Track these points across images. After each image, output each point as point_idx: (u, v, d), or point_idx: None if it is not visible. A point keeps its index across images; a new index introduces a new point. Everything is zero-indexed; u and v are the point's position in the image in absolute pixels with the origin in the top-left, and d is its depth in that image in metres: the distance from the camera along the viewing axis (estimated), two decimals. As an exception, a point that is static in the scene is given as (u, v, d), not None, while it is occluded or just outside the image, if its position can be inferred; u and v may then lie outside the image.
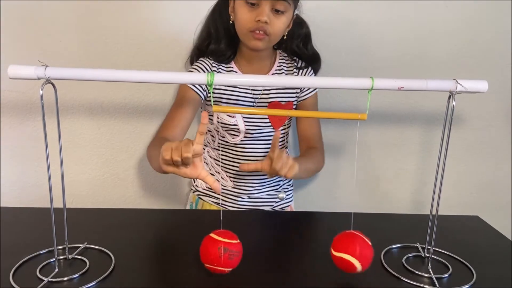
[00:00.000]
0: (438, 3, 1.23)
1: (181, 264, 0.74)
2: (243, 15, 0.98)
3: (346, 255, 0.67)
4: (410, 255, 0.80)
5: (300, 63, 1.14)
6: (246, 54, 1.08)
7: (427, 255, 0.78)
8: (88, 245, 0.78)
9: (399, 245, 0.83)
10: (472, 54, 1.28)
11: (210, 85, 0.65)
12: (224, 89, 1.08)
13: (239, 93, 1.08)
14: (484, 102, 1.32)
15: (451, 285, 0.71)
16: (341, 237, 0.69)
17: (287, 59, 1.14)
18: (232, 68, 1.10)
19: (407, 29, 1.26)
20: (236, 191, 1.14)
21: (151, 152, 0.99)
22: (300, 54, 1.14)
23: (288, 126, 1.16)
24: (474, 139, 1.36)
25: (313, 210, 1.17)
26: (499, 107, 1.33)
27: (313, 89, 1.14)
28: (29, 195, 1.30)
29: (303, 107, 1.14)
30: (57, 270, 0.70)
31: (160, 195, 1.36)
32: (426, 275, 0.73)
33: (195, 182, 1.20)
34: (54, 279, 0.67)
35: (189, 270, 0.73)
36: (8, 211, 0.94)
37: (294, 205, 1.25)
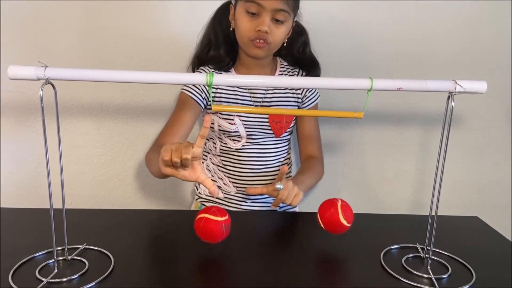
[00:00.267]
0: (438, 4, 1.24)
1: (181, 265, 0.74)
2: (244, 24, 0.99)
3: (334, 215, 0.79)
4: (410, 256, 0.79)
5: (301, 73, 1.15)
6: (246, 61, 1.09)
7: (427, 256, 0.78)
8: (88, 246, 0.78)
9: (399, 246, 0.83)
10: (471, 55, 1.28)
11: (209, 86, 0.66)
12: (225, 97, 1.08)
13: (240, 101, 1.09)
14: (484, 103, 1.32)
15: (451, 286, 0.71)
16: (324, 204, 0.82)
17: (288, 67, 1.15)
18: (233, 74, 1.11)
19: (407, 30, 1.26)
20: (239, 196, 1.13)
21: (150, 157, 0.99)
22: (300, 59, 1.15)
23: (290, 133, 1.17)
24: (474, 140, 1.36)
25: (313, 211, 1.17)
26: (499, 108, 1.33)
27: (315, 100, 1.15)
28: (29, 196, 1.30)
29: (304, 118, 1.17)
30: (56, 271, 0.69)
31: (160, 196, 1.36)
32: (426, 276, 0.72)
33: (198, 190, 1.20)
34: (53, 280, 0.67)
35: (189, 271, 0.73)
36: (8, 212, 0.94)
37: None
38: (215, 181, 1.15)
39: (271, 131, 1.11)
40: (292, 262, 0.77)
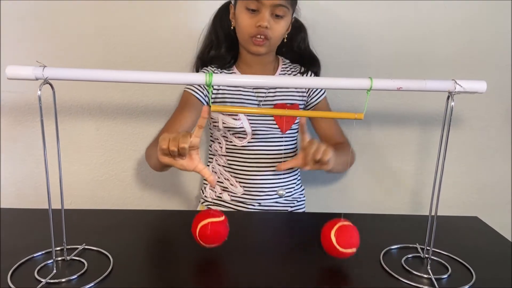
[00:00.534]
0: (437, 4, 1.24)
1: (180, 265, 0.74)
2: (244, 21, 1.00)
3: (352, 249, 0.71)
4: (409, 256, 0.79)
5: (303, 69, 1.15)
6: (247, 59, 1.10)
7: (426, 256, 0.78)
8: (87, 246, 0.78)
9: (398, 246, 0.83)
10: (471, 55, 1.28)
11: (209, 85, 0.66)
12: (228, 94, 1.08)
13: (244, 97, 1.09)
14: (483, 103, 1.32)
15: (451, 286, 0.71)
16: (343, 233, 0.72)
17: (289, 65, 1.16)
18: (234, 72, 1.11)
19: (406, 30, 1.26)
20: (247, 197, 1.12)
21: (150, 152, 1.00)
22: (300, 55, 1.16)
23: (297, 131, 1.16)
24: (473, 140, 1.36)
25: (313, 211, 1.17)
26: (498, 108, 1.33)
27: (322, 93, 1.14)
28: (28, 196, 1.30)
29: (318, 118, 1.15)
30: (55, 272, 0.69)
31: (159, 196, 1.36)
32: (426, 276, 0.72)
33: (204, 193, 1.19)
34: (52, 281, 0.67)
35: (188, 271, 0.72)
36: (7, 212, 0.94)
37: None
38: (222, 182, 1.14)
39: (277, 126, 1.10)
40: (292, 262, 0.77)
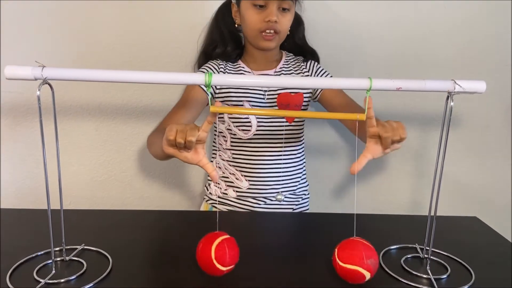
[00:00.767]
0: (437, 4, 1.24)
1: (179, 266, 0.74)
2: (252, 17, 1.01)
3: (355, 267, 0.64)
4: (409, 256, 0.79)
5: (303, 58, 1.16)
6: (254, 54, 1.11)
7: (426, 256, 0.78)
8: (86, 247, 0.78)
9: (398, 246, 0.83)
10: (471, 55, 1.28)
11: (208, 86, 0.66)
12: (234, 86, 1.08)
13: (250, 88, 1.09)
14: (483, 103, 1.32)
15: (450, 286, 0.71)
16: (346, 246, 0.66)
17: (292, 57, 1.17)
18: (239, 65, 1.12)
19: (406, 30, 1.26)
20: (252, 192, 1.11)
21: (153, 139, 0.99)
22: (301, 46, 1.17)
23: (303, 120, 1.15)
24: (473, 140, 1.36)
25: (322, 211, 1.17)
26: (498, 108, 1.33)
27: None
28: (27, 197, 1.30)
29: (327, 95, 1.12)
30: (54, 272, 0.69)
31: (158, 197, 1.36)
32: (425, 276, 0.72)
33: (209, 190, 1.18)
34: (51, 281, 0.67)
35: (187, 272, 0.72)
36: (6, 213, 0.94)
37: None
38: (227, 177, 1.14)
39: (282, 116, 1.10)
40: (291, 262, 0.76)
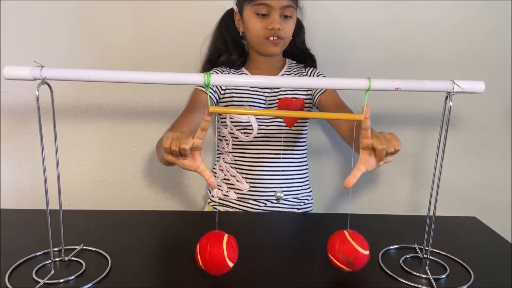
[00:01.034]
0: (436, 4, 1.24)
1: (178, 266, 0.74)
2: (256, 26, 1.04)
3: (336, 259, 0.69)
4: (408, 256, 0.79)
5: (307, 68, 1.17)
6: (257, 60, 1.13)
7: (425, 256, 0.78)
8: (85, 247, 0.78)
9: (397, 246, 0.83)
10: (470, 55, 1.29)
11: (207, 86, 0.65)
12: (236, 91, 1.11)
13: (251, 94, 1.11)
14: (482, 103, 1.32)
15: (449, 286, 0.71)
16: (333, 239, 0.71)
17: (295, 64, 1.19)
18: (243, 72, 1.14)
19: (405, 30, 1.26)
20: (253, 194, 1.12)
21: (159, 145, 1.03)
22: (302, 50, 1.19)
23: (304, 124, 1.16)
24: (472, 140, 1.36)
25: (322, 212, 1.17)
26: (497, 108, 1.33)
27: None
28: (26, 197, 1.30)
29: (325, 100, 1.12)
30: (53, 272, 0.69)
31: (157, 197, 1.36)
32: (424, 276, 0.72)
33: (211, 193, 1.19)
34: (50, 281, 0.67)
35: (187, 272, 0.72)
36: (5, 213, 0.93)
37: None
38: (228, 180, 1.15)
39: (282, 121, 1.12)
40: (290, 262, 0.76)
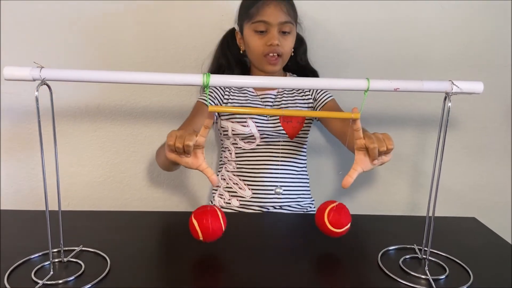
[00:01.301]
0: (435, 4, 1.24)
1: (178, 267, 0.74)
2: (255, 43, 1.07)
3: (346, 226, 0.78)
4: (407, 257, 0.79)
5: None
6: (259, 75, 1.12)
7: (424, 257, 0.78)
8: (84, 248, 0.78)
9: (396, 247, 0.83)
10: (469, 55, 1.29)
11: (206, 86, 0.66)
12: (237, 103, 1.13)
13: (251, 105, 1.13)
14: (481, 104, 1.32)
15: (448, 287, 0.71)
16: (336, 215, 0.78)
17: (296, 77, 1.19)
18: (245, 88, 1.15)
19: (404, 30, 1.26)
20: (255, 201, 1.12)
21: (159, 151, 1.05)
22: (304, 66, 1.20)
23: (305, 135, 1.17)
24: (471, 140, 1.36)
25: (311, 212, 1.17)
26: (496, 109, 1.33)
27: (329, 95, 1.16)
28: (25, 198, 1.30)
29: (327, 110, 1.14)
30: (52, 273, 0.69)
31: (157, 198, 1.36)
32: (423, 277, 0.72)
33: (213, 203, 1.20)
34: (49, 282, 0.67)
35: (187, 273, 0.72)
36: (4, 214, 0.93)
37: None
38: (230, 188, 1.15)
39: (284, 132, 1.12)
40: (290, 263, 0.76)
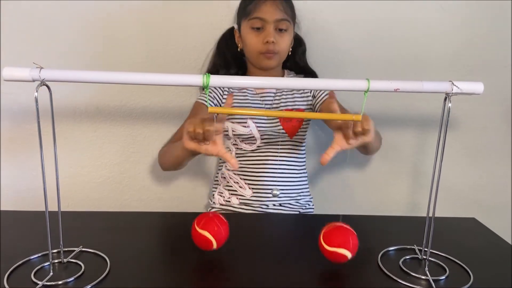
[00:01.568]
0: (435, 4, 1.24)
1: (178, 268, 0.74)
2: (252, 40, 1.07)
3: (341, 249, 0.70)
4: (407, 257, 0.79)
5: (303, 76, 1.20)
6: (256, 74, 1.15)
7: (424, 257, 0.78)
8: (83, 249, 0.78)
9: (396, 247, 0.83)
10: (469, 56, 1.29)
11: (206, 87, 0.66)
12: (236, 102, 1.13)
13: (251, 105, 1.13)
14: (481, 104, 1.32)
15: (448, 287, 0.71)
16: (331, 232, 0.72)
17: (294, 74, 1.21)
18: (244, 88, 1.15)
19: (404, 30, 1.26)
20: (255, 200, 1.13)
21: (165, 149, 1.08)
22: (303, 67, 1.21)
23: (303, 133, 1.17)
24: (471, 141, 1.36)
25: (322, 213, 1.17)
26: (496, 109, 1.33)
27: (324, 97, 1.15)
28: (25, 199, 1.30)
29: (326, 110, 1.11)
30: (52, 274, 0.69)
31: (156, 198, 1.35)
32: (423, 277, 0.72)
33: (212, 201, 1.20)
34: (49, 283, 0.67)
35: (186, 274, 0.72)
36: (4, 214, 0.93)
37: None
38: (230, 186, 1.16)
39: (284, 132, 1.13)
40: (290, 263, 0.76)
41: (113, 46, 1.22)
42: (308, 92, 1.17)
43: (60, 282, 0.67)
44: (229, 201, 1.15)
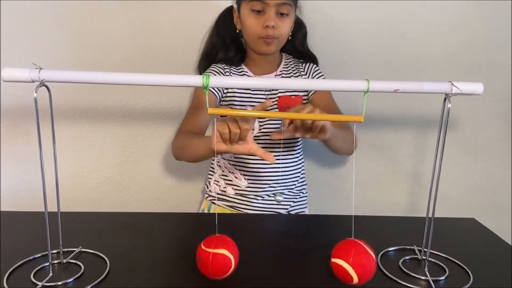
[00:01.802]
0: (435, 4, 1.24)
1: (177, 269, 0.74)
2: (251, 23, 1.03)
3: (342, 262, 0.62)
4: (407, 258, 0.79)
5: (307, 64, 1.17)
6: (255, 58, 1.12)
7: (424, 258, 0.78)
8: (83, 249, 0.78)
9: (396, 248, 0.83)
10: (469, 56, 1.29)
11: (206, 87, 0.65)
12: (238, 90, 1.10)
13: (251, 92, 1.11)
14: (481, 105, 1.32)
15: (448, 288, 0.71)
16: (342, 245, 0.65)
17: (292, 59, 1.18)
18: (243, 69, 1.13)
19: (403, 31, 1.26)
20: (250, 190, 1.12)
21: (182, 142, 1.03)
22: (302, 52, 1.18)
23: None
24: (471, 141, 1.36)
25: (322, 213, 1.17)
26: (496, 109, 1.33)
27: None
28: (24, 199, 1.30)
29: (317, 100, 1.13)
30: (52, 274, 0.69)
31: (156, 199, 1.35)
32: (423, 278, 0.72)
33: (209, 188, 1.20)
34: (49, 284, 0.67)
35: (186, 275, 0.72)
36: (3, 215, 0.93)
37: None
38: (226, 176, 1.15)
39: (281, 121, 1.11)
40: (290, 263, 0.76)
41: (113, 46, 1.22)
42: (306, 76, 1.15)
43: (60, 283, 0.67)
44: (225, 191, 1.15)
